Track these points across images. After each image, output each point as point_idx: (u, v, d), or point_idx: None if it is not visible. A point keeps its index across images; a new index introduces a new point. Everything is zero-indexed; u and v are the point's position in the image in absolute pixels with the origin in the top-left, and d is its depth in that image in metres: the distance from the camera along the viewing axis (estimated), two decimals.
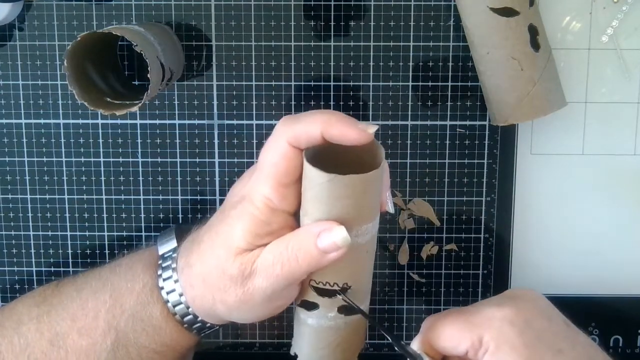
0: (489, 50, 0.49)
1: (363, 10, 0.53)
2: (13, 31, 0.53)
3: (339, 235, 0.40)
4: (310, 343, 0.45)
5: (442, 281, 0.57)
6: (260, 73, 0.54)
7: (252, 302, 0.42)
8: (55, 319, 0.46)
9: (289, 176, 0.41)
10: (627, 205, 0.56)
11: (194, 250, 0.45)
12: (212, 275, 0.43)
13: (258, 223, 0.41)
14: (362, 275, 0.44)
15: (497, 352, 0.41)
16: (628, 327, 0.57)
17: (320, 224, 0.40)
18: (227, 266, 0.42)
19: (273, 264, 0.41)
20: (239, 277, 0.42)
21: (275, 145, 0.41)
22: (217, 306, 0.44)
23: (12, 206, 0.56)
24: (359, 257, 0.43)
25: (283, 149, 0.40)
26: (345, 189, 0.39)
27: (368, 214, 0.41)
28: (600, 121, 0.55)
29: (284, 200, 0.41)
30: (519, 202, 0.56)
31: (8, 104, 0.54)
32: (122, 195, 0.56)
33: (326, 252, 0.40)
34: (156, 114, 0.54)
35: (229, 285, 0.42)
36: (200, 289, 0.44)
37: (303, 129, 0.40)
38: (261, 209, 0.41)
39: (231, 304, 0.43)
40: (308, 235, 0.41)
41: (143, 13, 0.53)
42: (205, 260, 0.44)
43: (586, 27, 0.53)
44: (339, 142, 0.40)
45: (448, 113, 0.54)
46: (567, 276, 0.57)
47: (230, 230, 0.42)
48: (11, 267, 0.57)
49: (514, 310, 0.42)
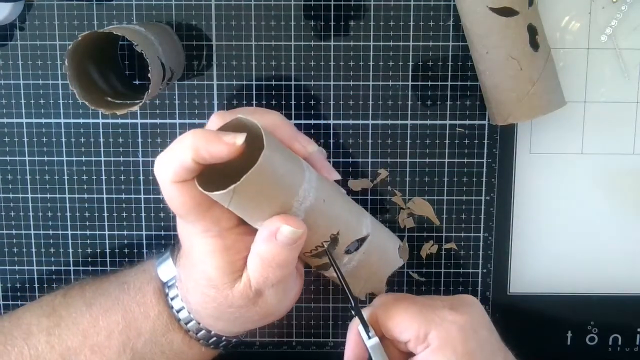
0: (488, 49, 0.50)
1: (363, 10, 0.53)
2: (14, 31, 0.53)
3: (286, 232, 0.39)
4: (354, 284, 0.46)
5: (441, 280, 0.57)
6: (260, 73, 0.54)
7: (271, 309, 0.43)
8: (65, 332, 0.46)
9: (200, 206, 0.39)
10: (625, 204, 0.56)
11: (188, 294, 0.45)
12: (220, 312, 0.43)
13: (221, 255, 0.41)
14: (339, 216, 0.43)
15: (439, 350, 0.42)
16: (627, 326, 0.58)
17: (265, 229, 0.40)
18: (231, 302, 0.42)
19: (264, 277, 0.41)
20: (247, 303, 0.42)
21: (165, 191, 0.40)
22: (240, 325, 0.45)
23: (12, 205, 0.56)
24: (323, 210, 0.42)
25: (172, 191, 0.39)
26: (250, 188, 0.38)
27: (293, 183, 0.40)
28: (599, 121, 0.55)
29: (218, 222, 0.40)
30: (518, 201, 0.56)
31: (9, 104, 0.54)
32: (122, 195, 0.56)
33: (291, 245, 0.40)
34: (157, 114, 0.55)
35: (244, 313, 0.43)
36: (215, 323, 0.45)
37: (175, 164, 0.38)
38: (209, 242, 0.41)
39: (253, 319, 0.44)
40: (266, 244, 0.40)
41: (144, 13, 0.53)
42: (204, 304, 0.43)
43: (585, 26, 0.54)
44: (213, 162, 0.38)
45: (447, 112, 0.55)
46: (566, 275, 0.57)
47: (206, 274, 0.42)
48: (12, 266, 0.57)
49: (466, 317, 0.43)
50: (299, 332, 0.58)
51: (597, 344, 0.58)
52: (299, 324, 0.58)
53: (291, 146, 0.42)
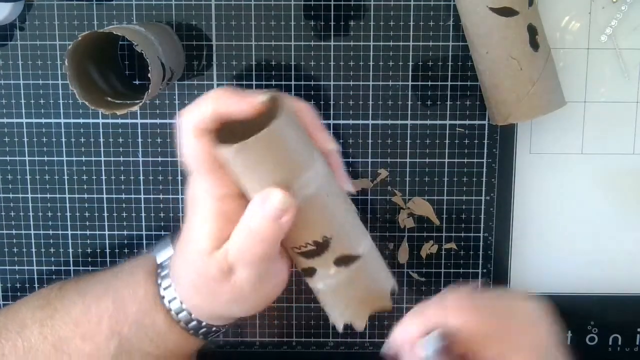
0: (488, 49, 0.50)
1: (363, 10, 0.53)
2: (14, 31, 0.53)
3: (275, 200, 0.39)
4: (334, 305, 0.44)
5: (441, 280, 0.57)
6: (260, 73, 0.54)
7: (244, 293, 0.42)
8: (58, 323, 0.46)
9: (210, 161, 0.40)
10: (625, 204, 0.56)
11: (177, 263, 0.45)
12: (198, 282, 0.43)
13: (214, 218, 0.41)
14: (337, 220, 0.42)
15: None
16: (627, 326, 0.58)
17: (258, 196, 0.40)
18: (206, 270, 0.42)
19: (242, 251, 0.41)
20: (219, 275, 0.42)
21: (183, 141, 0.41)
22: (215, 308, 0.44)
23: (12, 205, 0.56)
24: (322, 206, 0.41)
25: (190, 141, 0.40)
26: (256, 152, 0.38)
27: (298, 165, 0.39)
28: (599, 120, 0.55)
29: (222, 184, 0.41)
30: (518, 201, 0.56)
31: (9, 104, 0.54)
32: (122, 195, 0.56)
33: (278, 219, 0.39)
34: (157, 114, 0.55)
35: (216, 287, 0.42)
36: (195, 298, 0.44)
37: (196, 116, 0.40)
38: (208, 203, 0.41)
39: (227, 301, 0.43)
40: (254, 212, 0.40)
41: (144, 13, 0.53)
42: (187, 271, 0.44)
43: (585, 26, 0.54)
44: (233, 117, 0.39)
45: (447, 112, 0.55)
46: (566, 275, 0.57)
47: (195, 235, 0.42)
48: (12, 266, 0.57)
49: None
50: (299, 332, 0.58)
51: (597, 344, 0.58)
52: (299, 324, 0.58)
53: (311, 135, 0.42)
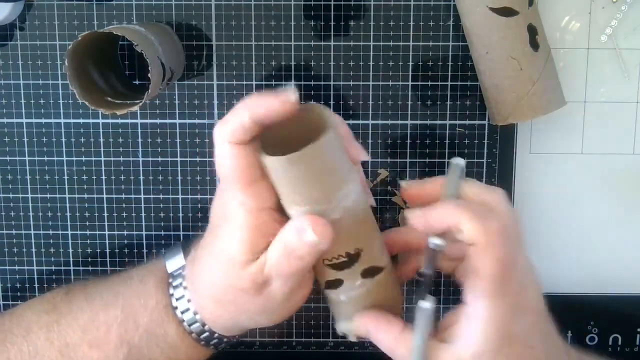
0: (488, 49, 0.50)
1: (363, 10, 0.53)
2: (14, 31, 0.53)
3: (310, 237, 0.39)
4: (352, 316, 0.45)
5: (441, 280, 0.57)
6: (260, 73, 0.54)
7: (274, 304, 0.43)
8: (65, 328, 0.46)
9: (248, 174, 0.40)
10: (626, 205, 0.56)
11: (197, 273, 0.44)
12: (225, 295, 0.43)
13: (248, 230, 0.41)
14: (369, 234, 0.43)
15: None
16: (627, 325, 0.58)
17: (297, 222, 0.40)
18: (237, 282, 0.42)
19: (280, 265, 0.41)
20: (252, 288, 0.42)
21: (219, 151, 0.40)
22: (240, 319, 0.44)
23: (12, 205, 0.56)
24: (356, 218, 0.42)
25: (227, 151, 0.40)
26: (303, 165, 0.38)
27: (340, 178, 0.40)
28: (599, 121, 0.55)
29: (259, 197, 0.41)
30: (518, 202, 0.56)
31: (9, 104, 0.54)
32: (122, 195, 0.56)
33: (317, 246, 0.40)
34: (157, 114, 0.55)
35: (245, 298, 0.42)
36: (215, 310, 0.44)
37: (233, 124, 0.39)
38: (243, 215, 0.41)
39: (254, 313, 0.43)
40: (294, 233, 0.40)
41: (143, 13, 0.53)
42: (212, 282, 0.43)
43: (585, 26, 0.54)
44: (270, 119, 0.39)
45: (447, 113, 0.55)
46: (566, 275, 0.57)
47: (227, 248, 0.42)
48: (12, 266, 0.57)
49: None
50: (299, 332, 0.58)
51: (597, 344, 0.58)
52: (299, 324, 0.58)
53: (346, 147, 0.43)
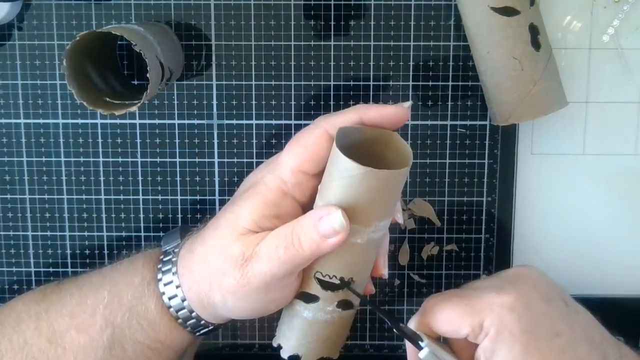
0: (489, 49, 0.49)
1: (363, 10, 0.53)
2: (12, 30, 0.53)
3: (336, 220, 0.40)
4: (301, 335, 0.45)
5: (442, 282, 0.57)
6: (260, 73, 0.54)
7: (249, 287, 0.42)
8: (54, 316, 0.46)
9: (313, 164, 0.42)
10: (627, 205, 0.56)
11: (198, 237, 0.45)
12: (212, 256, 0.43)
13: (267, 204, 0.42)
14: (365, 270, 0.44)
15: (497, 337, 0.41)
16: (629, 327, 0.57)
17: (323, 208, 0.40)
18: (229, 246, 0.42)
19: (276, 247, 0.41)
20: (239, 258, 0.42)
21: (312, 129, 0.42)
22: (213, 292, 0.43)
23: (11, 206, 0.56)
24: (369, 252, 0.43)
25: (319, 134, 0.42)
26: (376, 182, 0.40)
27: (388, 210, 0.42)
28: (601, 121, 0.55)
29: (299, 187, 0.42)
30: (519, 202, 0.56)
31: (7, 104, 0.54)
32: (121, 195, 0.55)
33: (326, 237, 0.40)
34: (155, 114, 0.54)
35: (227, 267, 0.42)
36: (198, 272, 0.44)
37: (342, 117, 0.42)
38: (273, 190, 0.42)
39: (227, 288, 0.42)
40: (310, 220, 0.41)
41: (142, 12, 0.53)
42: (207, 242, 0.44)
43: (587, 26, 0.53)
44: (378, 122, 0.41)
45: (449, 113, 0.54)
46: (568, 276, 0.57)
47: (237, 211, 0.43)
48: (10, 267, 0.57)
49: (514, 295, 0.42)
50: None
51: None
52: None
53: None
